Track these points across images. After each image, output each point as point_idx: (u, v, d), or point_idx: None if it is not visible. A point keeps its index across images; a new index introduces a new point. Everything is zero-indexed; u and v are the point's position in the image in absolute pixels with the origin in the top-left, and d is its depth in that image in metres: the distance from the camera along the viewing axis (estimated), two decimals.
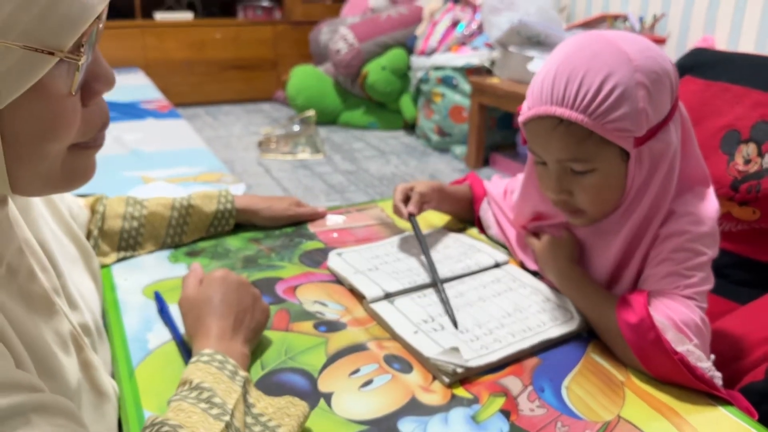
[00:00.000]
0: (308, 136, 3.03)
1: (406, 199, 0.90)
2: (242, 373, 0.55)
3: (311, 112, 3.08)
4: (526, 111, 0.69)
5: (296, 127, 3.05)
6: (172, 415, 0.48)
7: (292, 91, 3.53)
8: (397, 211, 0.89)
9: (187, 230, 0.90)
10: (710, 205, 0.70)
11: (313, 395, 0.60)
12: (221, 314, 0.61)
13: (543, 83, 0.66)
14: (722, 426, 0.59)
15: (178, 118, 2.43)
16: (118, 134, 2.03)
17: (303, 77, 3.53)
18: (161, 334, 0.69)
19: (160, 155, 1.81)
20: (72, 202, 0.77)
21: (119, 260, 0.84)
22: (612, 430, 0.57)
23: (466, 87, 2.96)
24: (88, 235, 0.82)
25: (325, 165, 2.93)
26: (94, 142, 0.47)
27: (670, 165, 0.68)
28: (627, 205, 0.70)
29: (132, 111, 2.50)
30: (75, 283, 0.61)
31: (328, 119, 3.58)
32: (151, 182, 1.47)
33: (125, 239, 0.85)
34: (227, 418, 0.49)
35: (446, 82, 3.04)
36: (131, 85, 3.19)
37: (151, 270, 0.83)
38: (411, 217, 0.88)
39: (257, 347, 0.67)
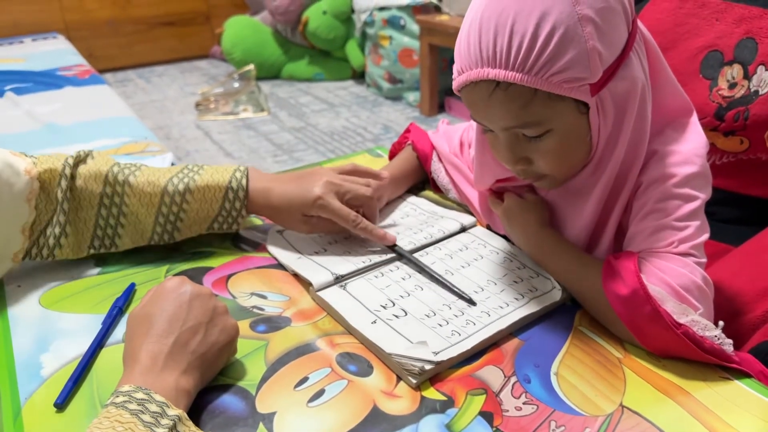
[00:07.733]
0: (249, 93, 2.82)
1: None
2: (172, 411, 0.43)
3: (251, 67, 2.86)
4: (456, 76, 0.56)
5: (236, 84, 2.83)
6: None
7: (227, 44, 3.29)
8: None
9: (182, 227, 0.68)
10: (696, 138, 0.60)
11: (250, 419, 0.48)
12: (158, 336, 0.48)
13: (469, 38, 0.53)
14: (739, 401, 0.50)
15: (100, 84, 2.20)
16: (30, 108, 1.81)
17: (238, 28, 3.30)
18: (61, 353, 0.56)
19: (78, 128, 1.62)
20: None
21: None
22: (616, 425, 0.48)
23: (415, 27, 2.79)
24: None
25: (270, 123, 2.75)
26: None
27: (641, 103, 0.57)
28: (597, 160, 0.59)
29: (47, 80, 2.23)
30: None
31: (269, 73, 3.37)
32: None
33: (99, 236, 0.67)
34: None
35: (393, 23, 2.86)
36: (48, 51, 2.86)
37: (53, 270, 0.69)
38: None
39: None
